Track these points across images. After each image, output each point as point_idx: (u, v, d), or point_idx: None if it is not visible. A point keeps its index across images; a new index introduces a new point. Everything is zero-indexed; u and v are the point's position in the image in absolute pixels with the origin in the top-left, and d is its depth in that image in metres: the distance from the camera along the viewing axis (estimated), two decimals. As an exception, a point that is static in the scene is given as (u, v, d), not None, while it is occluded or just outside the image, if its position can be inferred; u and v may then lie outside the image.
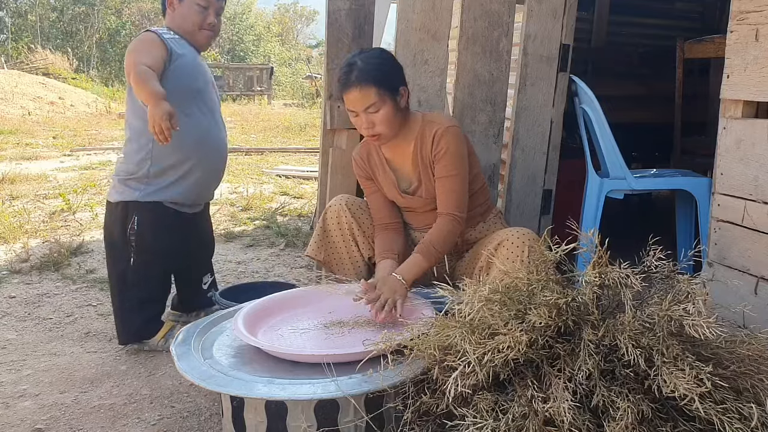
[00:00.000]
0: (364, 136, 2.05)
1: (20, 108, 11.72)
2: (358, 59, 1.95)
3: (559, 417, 1.22)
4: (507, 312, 1.39)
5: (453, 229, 2.00)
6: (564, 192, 2.91)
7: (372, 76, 1.91)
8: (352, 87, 1.91)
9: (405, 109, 2.02)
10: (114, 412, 1.94)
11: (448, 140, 1.99)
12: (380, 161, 2.15)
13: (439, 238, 1.97)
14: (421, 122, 2.06)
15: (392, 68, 2.02)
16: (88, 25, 21.71)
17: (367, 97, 1.91)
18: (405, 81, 2.04)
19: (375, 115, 1.94)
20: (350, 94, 1.93)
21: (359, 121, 1.97)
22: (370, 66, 1.93)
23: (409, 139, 2.06)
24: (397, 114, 1.98)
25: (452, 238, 2.01)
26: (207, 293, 2.53)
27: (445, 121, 2.04)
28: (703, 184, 2.65)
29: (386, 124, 1.96)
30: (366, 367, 1.48)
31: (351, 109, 1.97)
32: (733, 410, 1.21)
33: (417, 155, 2.06)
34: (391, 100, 1.95)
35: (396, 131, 2.02)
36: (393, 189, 2.14)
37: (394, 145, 2.09)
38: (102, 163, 6.77)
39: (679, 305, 1.33)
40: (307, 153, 8.11)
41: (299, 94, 19.00)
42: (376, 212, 2.18)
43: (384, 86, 1.92)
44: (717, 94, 2.01)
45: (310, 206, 4.83)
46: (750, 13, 1.90)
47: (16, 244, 3.66)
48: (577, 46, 2.91)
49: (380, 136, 1.99)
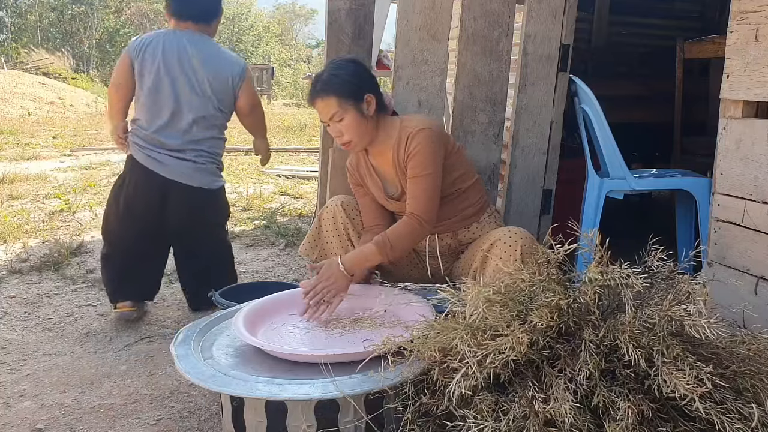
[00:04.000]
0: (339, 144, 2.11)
1: (20, 108, 11.73)
2: (326, 71, 2.04)
3: (560, 417, 1.22)
4: (509, 313, 1.39)
5: (413, 231, 1.98)
6: (564, 192, 2.91)
7: (333, 86, 1.98)
8: (316, 98, 2.01)
9: (373, 116, 2.04)
10: (114, 412, 1.94)
11: (419, 141, 1.99)
12: (367, 168, 2.17)
13: (396, 235, 1.96)
14: (399, 127, 2.07)
15: (356, 77, 2.03)
16: (87, 25, 21.70)
17: (329, 107, 1.99)
18: (375, 89, 2.06)
19: (340, 123, 2.00)
20: (316, 104, 2.02)
21: (330, 130, 2.06)
22: (333, 77, 2.01)
23: (389, 145, 2.07)
24: (362, 121, 2.01)
25: (411, 238, 2.00)
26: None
27: (419, 124, 2.04)
28: (703, 184, 2.65)
29: (353, 132, 2.01)
30: (366, 367, 1.48)
31: (321, 120, 2.07)
32: (734, 410, 1.21)
33: (395, 161, 2.07)
34: (355, 109, 1.99)
35: (367, 138, 2.05)
36: (380, 194, 2.16)
37: (377, 152, 2.12)
38: (102, 163, 6.77)
39: (679, 305, 1.33)
40: (307, 153, 8.11)
41: (299, 94, 18.99)
42: (366, 215, 2.20)
43: (345, 96, 1.98)
44: (717, 94, 2.01)
45: (310, 206, 4.83)
46: (750, 13, 1.89)
47: (16, 244, 3.66)
48: (577, 46, 2.91)
49: (350, 143, 2.04)
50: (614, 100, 3.48)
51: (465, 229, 2.16)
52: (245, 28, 26.21)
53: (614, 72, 4.75)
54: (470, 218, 2.15)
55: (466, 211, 2.14)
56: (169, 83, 2.48)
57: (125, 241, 2.57)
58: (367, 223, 2.18)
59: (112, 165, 6.62)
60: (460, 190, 2.11)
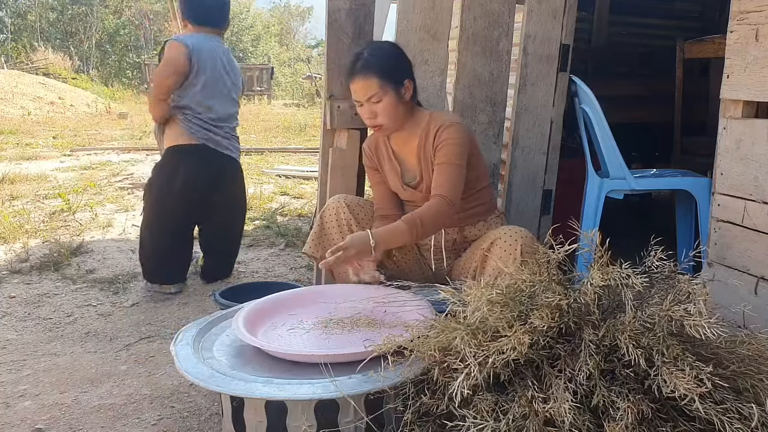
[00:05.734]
0: (367, 126, 2.11)
1: (20, 108, 11.73)
2: (366, 51, 2.02)
3: (560, 417, 1.22)
4: (510, 313, 1.39)
5: (442, 210, 1.98)
6: (564, 192, 2.91)
7: (375, 66, 1.97)
8: (357, 76, 1.99)
9: (409, 102, 2.06)
10: (114, 412, 1.94)
11: (450, 133, 2.02)
12: (387, 152, 2.19)
13: (427, 215, 1.96)
14: (428, 119, 2.09)
15: (398, 61, 2.06)
16: (87, 25, 21.70)
17: (369, 87, 1.97)
18: (412, 75, 2.08)
19: (377, 105, 1.99)
20: (354, 83, 2.00)
21: (363, 110, 2.04)
22: (375, 57, 2.00)
23: (415, 134, 2.10)
24: (399, 106, 2.02)
25: (440, 218, 2.00)
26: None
27: (451, 118, 2.09)
28: (703, 184, 2.65)
29: (388, 115, 2.01)
30: (366, 367, 1.48)
31: (355, 99, 2.04)
32: (733, 410, 1.21)
33: (420, 150, 2.10)
34: (394, 92, 2.00)
35: (399, 123, 2.06)
36: (397, 180, 2.18)
37: (401, 138, 2.14)
38: (102, 163, 6.77)
39: (679, 305, 1.33)
40: (307, 153, 8.11)
41: (299, 94, 19.00)
42: (378, 202, 2.22)
43: (387, 77, 1.98)
44: (717, 94, 2.01)
45: (310, 206, 4.83)
46: (750, 13, 1.89)
47: (16, 244, 3.66)
48: (577, 46, 2.91)
49: (382, 126, 2.04)
50: (614, 100, 3.48)
51: (471, 225, 2.17)
52: (245, 28, 26.21)
53: (614, 72, 4.75)
54: (478, 216, 2.17)
55: (475, 209, 2.15)
56: (220, 78, 3.00)
57: (176, 222, 2.98)
58: (379, 211, 2.20)
59: (112, 165, 6.63)
60: (474, 189, 2.13)
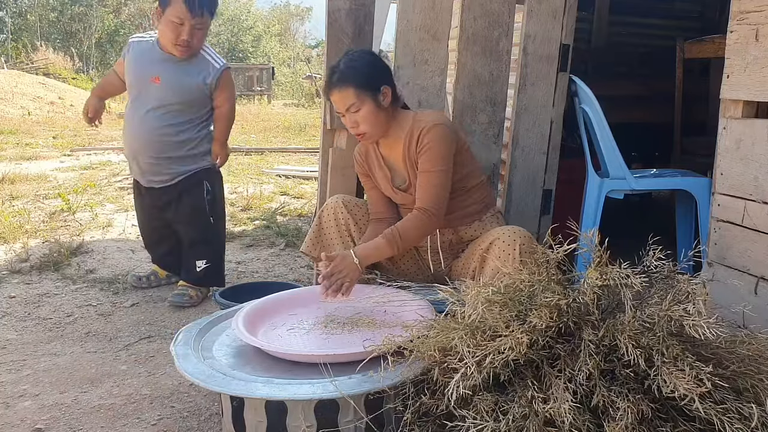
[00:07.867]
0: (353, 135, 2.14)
1: (20, 108, 11.72)
2: (341, 62, 2.06)
3: (560, 417, 1.22)
4: (509, 313, 1.39)
5: (423, 224, 2.01)
6: (564, 192, 2.91)
7: (350, 77, 2.01)
8: (334, 89, 2.03)
9: (389, 107, 2.07)
10: (114, 412, 1.94)
11: (431, 137, 2.02)
12: (377, 158, 2.20)
13: (405, 229, 2.00)
14: (412, 122, 2.09)
15: (373, 69, 2.07)
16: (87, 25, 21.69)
17: (346, 98, 2.01)
18: (390, 80, 2.10)
19: (357, 114, 2.02)
20: (333, 95, 2.05)
21: (346, 121, 2.08)
22: (350, 68, 2.03)
23: (400, 138, 2.10)
24: (379, 113, 2.04)
25: (421, 231, 2.03)
26: (197, 272, 2.86)
27: (432, 120, 2.07)
28: (703, 184, 2.65)
29: (369, 123, 2.03)
30: (366, 367, 1.48)
31: (337, 111, 2.08)
32: (733, 410, 1.21)
33: (406, 154, 2.10)
34: (372, 100, 2.02)
35: (381, 129, 2.08)
36: (388, 185, 2.19)
37: (388, 143, 2.15)
38: (102, 163, 6.76)
39: (679, 305, 1.33)
40: (307, 153, 8.11)
41: (299, 94, 18.98)
42: (373, 206, 2.24)
43: (363, 87, 2.00)
44: (717, 94, 2.01)
45: (310, 206, 4.83)
46: (750, 13, 1.89)
47: (16, 244, 3.66)
48: (577, 46, 2.91)
49: (365, 134, 2.07)
50: (614, 100, 3.48)
51: (467, 226, 2.16)
52: (245, 29, 26.21)
53: (614, 72, 4.75)
54: (472, 216, 2.16)
55: (469, 208, 2.15)
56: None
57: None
58: (374, 215, 2.22)
59: (112, 165, 6.62)
60: (465, 188, 2.13)
